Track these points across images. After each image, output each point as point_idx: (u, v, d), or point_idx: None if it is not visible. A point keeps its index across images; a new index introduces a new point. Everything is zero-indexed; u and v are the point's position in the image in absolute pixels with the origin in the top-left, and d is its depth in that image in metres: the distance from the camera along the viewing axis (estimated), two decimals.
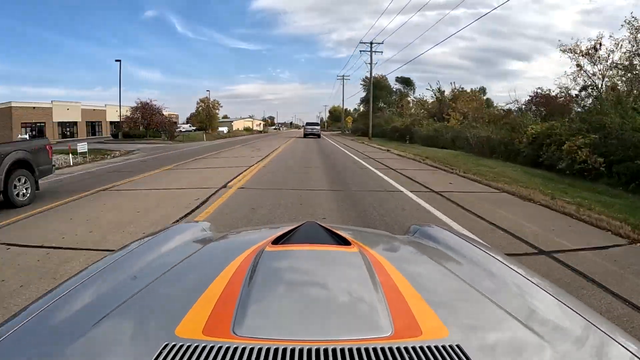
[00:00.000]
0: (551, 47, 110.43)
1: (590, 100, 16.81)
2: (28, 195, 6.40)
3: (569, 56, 18.33)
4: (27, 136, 20.33)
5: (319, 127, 38.77)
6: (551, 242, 4.05)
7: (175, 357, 0.47)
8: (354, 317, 0.57)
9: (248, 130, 75.09)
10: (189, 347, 0.48)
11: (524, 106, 21.63)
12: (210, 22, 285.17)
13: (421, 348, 0.48)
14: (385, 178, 8.78)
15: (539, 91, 21.08)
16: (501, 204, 6.04)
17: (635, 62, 15.88)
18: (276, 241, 0.86)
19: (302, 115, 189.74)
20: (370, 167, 11.00)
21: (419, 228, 1.16)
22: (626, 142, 9.10)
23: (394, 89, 45.91)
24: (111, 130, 42.20)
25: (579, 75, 18.52)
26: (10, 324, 0.59)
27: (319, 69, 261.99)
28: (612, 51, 17.01)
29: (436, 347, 0.49)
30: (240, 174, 9.36)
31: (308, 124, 38.86)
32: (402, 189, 7.32)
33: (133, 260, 0.86)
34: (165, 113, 39.80)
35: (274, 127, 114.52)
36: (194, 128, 56.44)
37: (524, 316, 0.59)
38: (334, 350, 0.47)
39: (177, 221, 4.82)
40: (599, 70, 17.72)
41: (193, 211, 5.48)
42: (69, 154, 14.02)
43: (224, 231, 1.25)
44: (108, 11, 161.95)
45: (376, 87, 34.44)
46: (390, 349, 0.48)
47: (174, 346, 0.49)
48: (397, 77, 45.65)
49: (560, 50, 18.35)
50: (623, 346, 0.55)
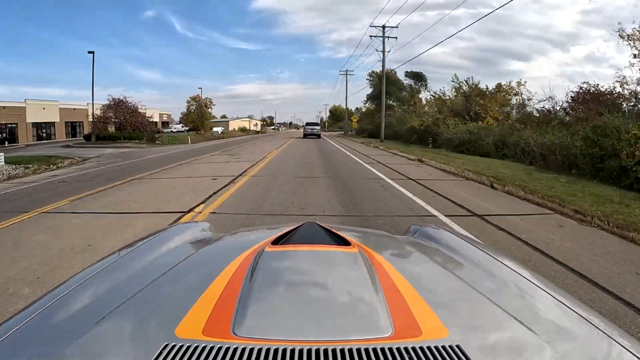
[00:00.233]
0: (551, 47, 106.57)
1: None
2: None
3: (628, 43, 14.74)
4: None
5: (319, 127, 37.99)
6: None
7: (175, 357, 0.46)
8: (354, 318, 0.56)
9: (244, 130, 70.84)
10: (188, 347, 0.48)
11: (566, 103, 17.93)
12: (210, 22, 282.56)
13: (421, 348, 0.48)
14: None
15: (584, 86, 17.29)
16: None
17: None
18: (276, 241, 0.85)
19: (302, 115, 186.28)
20: (433, 211, 6.05)
21: (419, 228, 1.17)
22: None
23: (405, 84, 40.42)
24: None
25: None
26: (10, 324, 0.59)
27: (318, 69, 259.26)
28: None
29: (436, 347, 0.48)
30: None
31: (308, 124, 37.87)
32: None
33: (133, 260, 0.86)
34: (149, 112, 35.12)
35: (272, 127, 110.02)
36: (186, 128, 51.84)
37: (524, 316, 0.58)
38: (334, 351, 0.47)
39: None
40: None
41: None
42: None
43: (223, 231, 1.23)
44: (108, 11, 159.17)
45: (386, 82, 29.29)
46: (390, 349, 0.47)
47: (173, 346, 0.48)
48: (407, 72, 39.90)
49: (620, 36, 15.29)
50: (623, 346, 0.54)
